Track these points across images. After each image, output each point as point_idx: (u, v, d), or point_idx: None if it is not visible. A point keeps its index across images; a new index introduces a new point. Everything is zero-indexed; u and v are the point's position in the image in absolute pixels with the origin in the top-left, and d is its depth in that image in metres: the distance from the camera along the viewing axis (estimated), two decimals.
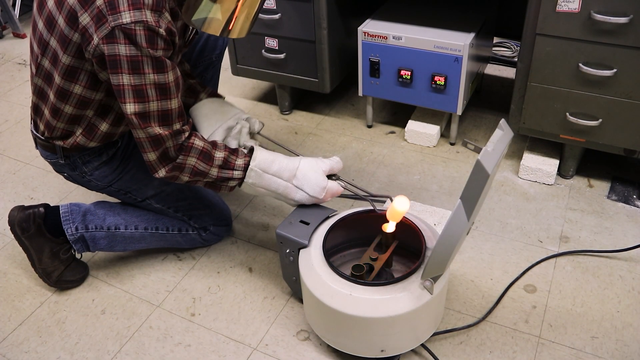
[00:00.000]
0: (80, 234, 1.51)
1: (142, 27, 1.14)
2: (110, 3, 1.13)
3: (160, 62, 1.19)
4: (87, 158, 1.42)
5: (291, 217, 1.37)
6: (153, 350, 1.40)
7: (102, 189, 1.51)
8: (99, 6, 1.14)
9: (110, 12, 1.13)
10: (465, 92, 1.89)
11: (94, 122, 1.36)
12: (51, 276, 1.53)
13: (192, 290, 1.56)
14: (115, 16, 1.13)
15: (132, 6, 1.13)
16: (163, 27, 1.17)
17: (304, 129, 2.19)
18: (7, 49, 3.02)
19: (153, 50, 1.17)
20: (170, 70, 1.22)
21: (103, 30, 1.14)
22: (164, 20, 1.18)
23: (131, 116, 1.21)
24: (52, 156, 1.43)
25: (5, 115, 2.42)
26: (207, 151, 1.31)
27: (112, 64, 1.17)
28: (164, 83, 1.22)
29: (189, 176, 1.32)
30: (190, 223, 1.58)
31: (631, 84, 1.54)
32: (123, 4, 1.13)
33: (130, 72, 1.17)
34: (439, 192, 1.83)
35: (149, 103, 1.21)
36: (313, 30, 1.96)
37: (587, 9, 1.48)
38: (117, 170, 1.45)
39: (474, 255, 1.60)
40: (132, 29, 1.14)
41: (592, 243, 1.62)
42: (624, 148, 1.67)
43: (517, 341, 1.36)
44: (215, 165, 1.32)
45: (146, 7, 1.14)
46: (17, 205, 1.52)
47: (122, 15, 1.13)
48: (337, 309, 1.19)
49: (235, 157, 1.34)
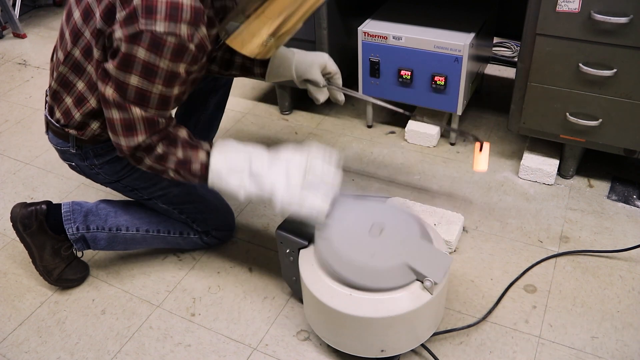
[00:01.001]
0: (81, 234, 1.51)
1: (174, 39, 1.11)
2: (147, 7, 1.09)
3: (174, 77, 1.18)
4: (100, 151, 1.40)
5: (291, 217, 1.37)
6: (153, 351, 1.40)
7: (109, 184, 1.49)
8: (135, 5, 1.09)
9: (145, 16, 1.09)
10: (465, 92, 1.89)
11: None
12: (52, 274, 1.53)
13: (192, 290, 1.56)
14: (149, 22, 1.09)
15: (169, 17, 1.10)
16: (195, 42, 1.14)
17: (304, 129, 2.19)
18: (7, 49, 3.02)
19: (174, 64, 1.15)
20: (178, 86, 1.20)
21: (130, 29, 1.11)
22: (199, 34, 1.15)
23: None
24: (64, 144, 1.41)
25: (5, 115, 2.42)
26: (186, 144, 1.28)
27: (125, 62, 1.14)
28: (168, 96, 1.20)
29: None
30: (193, 226, 1.57)
31: (631, 84, 1.54)
32: (160, 11, 1.09)
33: (141, 75, 1.15)
34: (439, 192, 1.83)
35: (148, 109, 1.20)
36: (313, 30, 1.96)
37: (587, 9, 1.48)
38: (127, 167, 1.43)
39: (474, 255, 1.60)
40: (163, 39, 1.10)
41: (592, 243, 1.62)
42: (624, 148, 1.67)
43: (517, 341, 1.36)
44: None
45: (183, 20, 1.11)
46: (19, 202, 1.52)
47: (157, 23, 1.09)
48: (337, 309, 1.19)
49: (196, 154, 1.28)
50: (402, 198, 1.74)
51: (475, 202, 1.78)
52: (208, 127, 1.81)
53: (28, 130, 2.31)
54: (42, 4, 3.56)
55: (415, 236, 1.26)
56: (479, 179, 1.88)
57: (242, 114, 2.31)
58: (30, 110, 2.45)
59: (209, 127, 1.82)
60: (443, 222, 1.63)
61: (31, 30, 3.23)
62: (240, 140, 1.30)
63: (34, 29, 3.25)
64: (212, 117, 1.79)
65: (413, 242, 1.25)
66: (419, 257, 1.21)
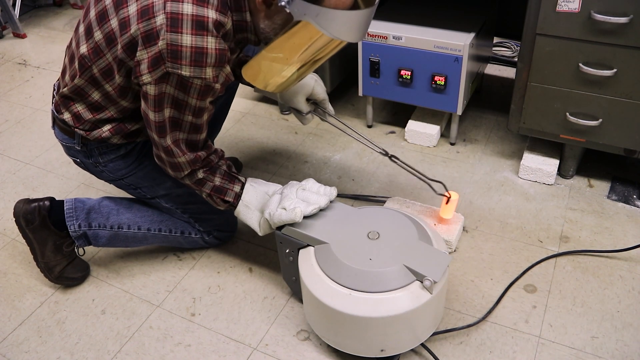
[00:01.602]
0: (83, 231, 1.51)
1: (200, 82, 1.15)
2: (172, 52, 1.11)
3: (202, 110, 1.24)
4: (105, 150, 1.41)
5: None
6: (153, 350, 1.40)
7: (113, 181, 1.50)
8: (161, 50, 1.12)
9: (171, 60, 1.12)
10: (465, 92, 1.89)
11: (126, 123, 1.37)
12: (53, 271, 1.53)
13: (192, 290, 1.56)
14: (175, 65, 1.13)
15: (194, 62, 1.12)
16: (220, 82, 1.18)
17: (304, 129, 2.19)
18: (7, 49, 3.02)
19: (201, 102, 1.20)
20: (206, 113, 1.27)
21: (158, 72, 1.14)
22: (223, 74, 1.19)
23: (170, 147, 1.27)
24: (69, 140, 1.42)
25: (5, 115, 2.42)
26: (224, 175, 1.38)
27: (158, 103, 1.19)
28: (199, 124, 1.27)
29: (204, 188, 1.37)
30: (195, 226, 1.57)
31: (631, 84, 1.54)
32: (186, 56, 1.11)
33: (172, 107, 1.21)
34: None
35: (180, 132, 1.26)
36: None
37: (587, 9, 1.48)
38: (131, 166, 1.45)
39: (474, 255, 1.60)
40: (189, 81, 1.15)
41: (592, 243, 1.62)
42: (624, 148, 1.67)
43: (517, 341, 1.36)
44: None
45: (208, 64, 1.14)
46: (22, 198, 1.52)
47: (182, 68, 1.13)
48: (337, 309, 1.19)
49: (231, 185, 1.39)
50: (402, 198, 1.74)
51: (475, 202, 1.79)
52: (210, 129, 1.81)
53: (28, 130, 2.31)
54: (42, 4, 3.56)
55: (413, 237, 1.27)
56: (479, 179, 1.88)
57: (242, 114, 2.31)
58: (30, 110, 2.46)
59: (211, 129, 1.82)
60: (443, 222, 1.62)
61: (31, 30, 3.23)
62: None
63: (34, 29, 3.25)
64: (216, 119, 1.79)
65: (411, 243, 1.25)
66: (417, 258, 1.21)
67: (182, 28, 1.10)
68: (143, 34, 1.13)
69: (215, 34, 1.13)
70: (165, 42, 1.11)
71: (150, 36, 1.13)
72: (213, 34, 1.13)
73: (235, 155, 2.05)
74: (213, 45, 1.13)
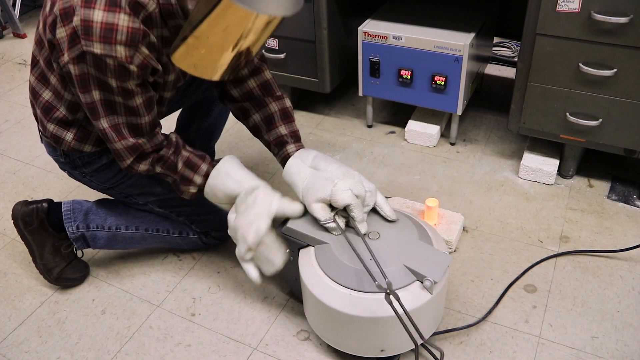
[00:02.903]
0: (81, 232, 1.51)
1: (112, 61, 1.12)
2: (85, 27, 1.10)
3: (128, 92, 1.19)
4: (87, 159, 1.41)
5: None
6: (153, 350, 1.40)
7: (104, 191, 1.51)
8: (75, 26, 1.11)
9: (84, 37, 1.11)
10: (465, 92, 1.89)
11: (87, 126, 1.35)
12: (52, 272, 1.53)
13: (192, 290, 1.56)
14: (88, 42, 1.11)
15: (102, 38, 1.10)
16: (136, 63, 1.14)
17: (304, 129, 2.19)
18: (7, 49, 3.02)
19: (122, 82, 1.16)
20: (138, 96, 1.22)
21: (75, 51, 1.13)
22: (140, 55, 1.15)
23: (105, 130, 1.23)
24: (54, 153, 1.42)
25: (5, 115, 2.42)
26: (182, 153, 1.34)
27: (82, 83, 1.17)
28: (132, 106, 1.22)
29: (161, 168, 1.33)
30: (192, 227, 1.57)
31: (631, 84, 1.54)
32: (95, 32, 1.10)
33: (99, 88, 1.18)
34: (439, 192, 1.83)
35: (118, 116, 1.22)
36: (313, 30, 1.96)
37: (587, 9, 1.48)
38: (118, 175, 1.44)
39: (474, 255, 1.60)
40: (102, 60, 1.12)
41: (592, 243, 1.62)
42: (624, 148, 1.67)
43: (517, 341, 1.36)
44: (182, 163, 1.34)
45: (118, 42, 1.11)
46: (21, 200, 1.52)
47: (94, 45, 1.11)
48: (337, 309, 1.19)
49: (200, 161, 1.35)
50: (402, 198, 1.74)
51: (475, 202, 1.79)
52: (209, 136, 1.82)
53: (28, 130, 2.31)
54: (42, 3, 3.56)
55: (413, 237, 1.27)
56: (479, 179, 1.88)
57: None
58: (30, 110, 2.44)
59: (210, 136, 1.82)
60: (443, 222, 1.63)
61: (31, 30, 3.22)
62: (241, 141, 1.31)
63: (34, 29, 3.25)
64: (214, 126, 1.79)
65: (411, 243, 1.25)
66: (417, 258, 1.21)
67: (95, 4, 1.09)
68: (62, 11, 1.13)
69: (128, 11, 1.10)
70: (79, 17, 1.10)
71: (68, 13, 1.12)
72: (126, 12, 1.10)
73: (235, 155, 2.05)
74: (125, 23, 1.10)
